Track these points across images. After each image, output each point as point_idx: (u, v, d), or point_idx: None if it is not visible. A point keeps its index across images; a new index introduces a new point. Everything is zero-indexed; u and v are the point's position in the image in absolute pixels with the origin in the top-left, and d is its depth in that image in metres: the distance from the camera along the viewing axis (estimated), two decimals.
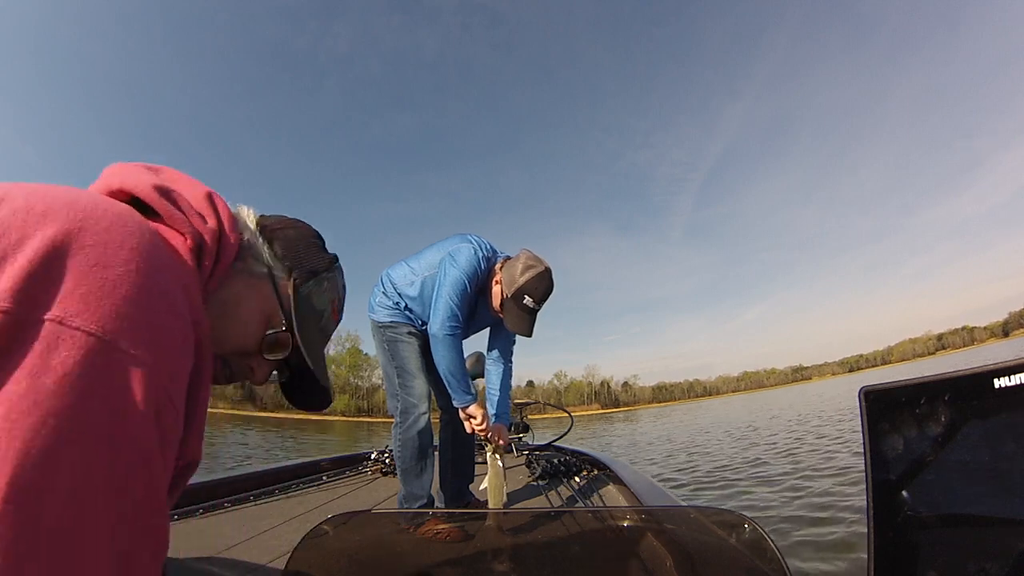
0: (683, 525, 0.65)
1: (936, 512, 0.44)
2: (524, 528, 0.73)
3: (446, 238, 1.91)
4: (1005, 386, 0.40)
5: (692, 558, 0.62)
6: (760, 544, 0.51)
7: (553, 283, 1.79)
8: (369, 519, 0.67)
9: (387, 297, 1.91)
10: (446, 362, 1.75)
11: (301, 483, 2.58)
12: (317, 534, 0.55)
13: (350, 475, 2.86)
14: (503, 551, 0.65)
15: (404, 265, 1.94)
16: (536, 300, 1.75)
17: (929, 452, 0.44)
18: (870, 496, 0.45)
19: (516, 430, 3.43)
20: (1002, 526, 0.42)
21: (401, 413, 1.84)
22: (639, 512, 0.77)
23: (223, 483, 2.25)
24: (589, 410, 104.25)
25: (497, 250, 1.90)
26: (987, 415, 0.42)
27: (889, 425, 0.45)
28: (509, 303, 1.77)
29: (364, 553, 0.61)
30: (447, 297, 1.73)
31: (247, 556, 1.47)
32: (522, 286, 1.73)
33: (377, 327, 1.93)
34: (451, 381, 1.77)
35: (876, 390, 0.46)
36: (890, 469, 0.45)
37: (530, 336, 1.84)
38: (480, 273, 1.79)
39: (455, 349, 1.75)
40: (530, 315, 1.77)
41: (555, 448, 3.24)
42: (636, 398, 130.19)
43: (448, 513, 1.28)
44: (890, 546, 0.44)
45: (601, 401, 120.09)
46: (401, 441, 1.82)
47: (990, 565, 0.40)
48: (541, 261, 1.78)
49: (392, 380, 1.88)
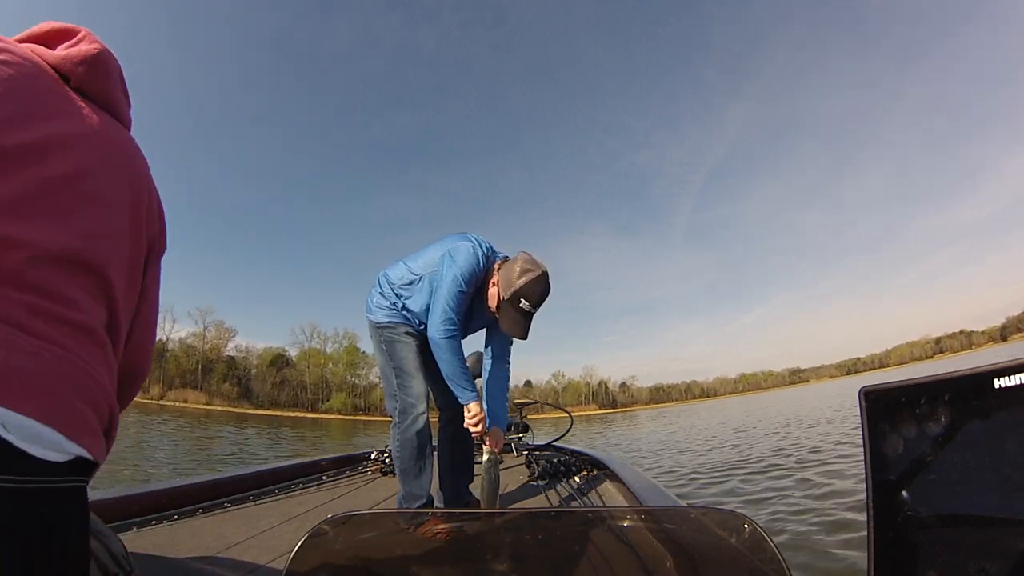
0: (683, 525, 0.65)
1: (936, 512, 0.44)
2: (524, 528, 0.72)
3: (444, 237, 1.91)
4: (1005, 386, 0.40)
5: (692, 558, 0.62)
6: (760, 544, 0.51)
7: (550, 287, 1.79)
8: (369, 519, 0.67)
9: (384, 298, 1.91)
10: (447, 365, 1.75)
11: (301, 483, 2.58)
12: (317, 534, 0.55)
13: (350, 475, 2.86)
14: (503, 551, 0.65)
15: (401, 265, 1.93)
16: (532, 304, 1.74)
17: (929, 452, 0.44)
18: (870, 496, 0.45)
19: (516, 430, 3.43)
20: (1002, 526, 0.42)
21: (399, 413, 1.84)
22: (639, 512, 0.77)
23: (223, 483, 2.25)
24: (587, 410, 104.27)
25: (496, 250, 1.90)
26: (987, 415, 0.42)
27: (889, 425, 0.46)
28: (505, 305, 1.76)
29: (364, 553, 0.61)
30: (444, 299, 1.73)
31: (247, 556, 1.47)
32: (519, 289, 1.72)
33: (375, 327, 1.93)
34: (452, 382, 1.78)
35: (876, 390, 0.46)
36: (890, 469, 0.45)
37: (525, 339, 1.84)
38: (478, 272, 1.79)
39: (454, 351, 1.75)
40: (525, 318, 1.77)
41: (555, 448, 3.24)
42: (634, 399, 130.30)
43: (448, 513, 1.28)
44: (890, 546, 0.44)
45: (599, 401, 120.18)
46: (400, 441, 1.82)
47: (990, 565, 0.40)
48: (539, 264, 1.78)
49: (390, 380, 1.88)
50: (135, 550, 0.65)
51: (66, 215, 0.58)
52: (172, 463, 9.82)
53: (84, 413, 0.54)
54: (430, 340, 1.77)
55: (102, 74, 0.70)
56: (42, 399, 0.49)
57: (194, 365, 70.58)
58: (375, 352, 1.99)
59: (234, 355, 77.09)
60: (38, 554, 0.48)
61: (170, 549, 1.51)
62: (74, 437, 0.51)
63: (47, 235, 0.55)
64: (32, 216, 0.55)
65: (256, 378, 77.26)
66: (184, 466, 9.47)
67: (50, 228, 0.56)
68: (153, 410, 39.54)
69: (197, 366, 70.74)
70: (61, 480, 0.51)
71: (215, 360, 73.59)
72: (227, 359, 75.24)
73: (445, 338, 1.73)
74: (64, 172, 0.59)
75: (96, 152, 0.64)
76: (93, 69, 0.68)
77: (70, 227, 0.58)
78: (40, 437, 0.48)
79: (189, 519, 1.87)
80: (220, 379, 72.21)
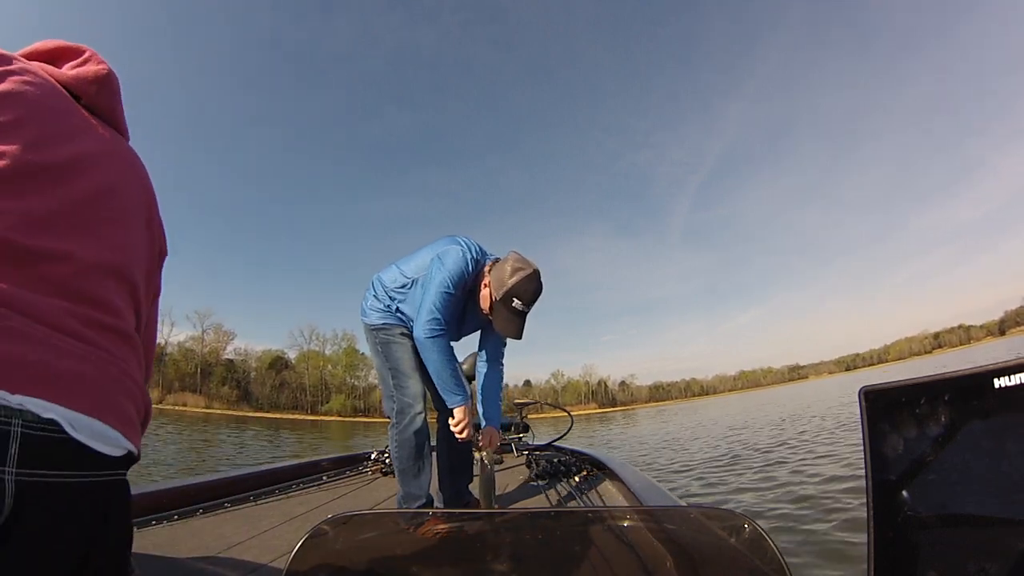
0: (683, 525, 0.65)
1: (936, 512, 0.44)
2: (524, 528, 0.72)
3: (435, 240, 1.92)
4: (1005, 386, 0.40)
5: (692, 558, 0.62)
6: (760, 544, 0.51)
7: (542, 285, 1.79)
8: (369, 519, 0.67)
9: (378, 300, 1.92)
10: (433, 365, 1.76)
11: (301, 483, 2.58)
12: (317, 534, 0.55)
13: (350, 475, 2.86)
14: (503, 551, 0.65)
15: (394, 268, 1.94)
16: (525, 303, 1.74)
17: (929, 452, 0.44)
18: (870, 496, 0.45)
19: (516, 430, 3.43)
20: (1002, 526, 0.42)
21: (397, 414, 1.84)
22: (639, 512, 0.77)
23: (223, 483, 2.25)
24: (586, 409, 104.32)
25: (486, 252, 1.90)
26: (987, 415, 0.42)
27: (889, 425, 0.45)
28: (498, 306, 1.77)
29: (364, 553, 0.61)
30: (430, 301, 1.73)
31: (247, 556, 1.47)
32: (510, 289, 1.72)
33: (370, 330, 1.93)
34: (439, 383, 1.77)
35: (876, 390, 0.46)
36: (890, 469, 0.45)
37: (519, 339, 1.85)
38: (467, 275, 1.79)
39: (439, 351, 1.74)
40: (519, 318, 1.77)
41: (555, 448, 3.24)
42: (633, 397, 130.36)
43: (447, 513, 1.28)
44: (890, 546, 0.44)
45: (598, 400, 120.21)
46: (398, 441, 1.83)
47: (990, 565, 0.40)
48: (529, 263, 1.78)
49: (387, 381, 1.89)
50: (135, 550, 0.65)
51: (99, 228, 0.64)
52: (169, 467, 9.81)
53: (130, 411, 0.61)
54: (416, 341, 1.78)
55: (110, 93, 0.75)
56: (99, 400, 0.56)
57: (193, 368, 70.45)
58: (371, 354, 1.99)
59: (233, 358, 77.11)
60: (107, 538, 0.57)
61: (170, 549, 1.51)
62: (126, 434, 0.59)
63: (87, 249, 0.61)
64: (72, 230, 0.60)
65: (255, 381, 77.17)
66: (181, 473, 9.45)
67: (89, 242, 0.62)
68: (152, 414, 39.35)
69: (196, 369, 70.61)
70: (118, 473, 0.59)
71: (214, 363, 73.47)
72: (226, 362, 75.14)
73: (429, 337, 1.73)
74: (94, 188, 0.65)
75: (116, 168, 0.71)
76: (103, 89, 0.73)
77: (104, 239, 0.64)
78: (103, 435, 0.55)
79: (189, 519, 1.87)
80: (219, 382, 72.11)
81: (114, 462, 0.57)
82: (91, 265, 0.61)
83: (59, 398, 0.51)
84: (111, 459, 0.56)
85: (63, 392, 0.52)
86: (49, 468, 0.50)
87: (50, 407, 0.50)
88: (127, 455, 0.60)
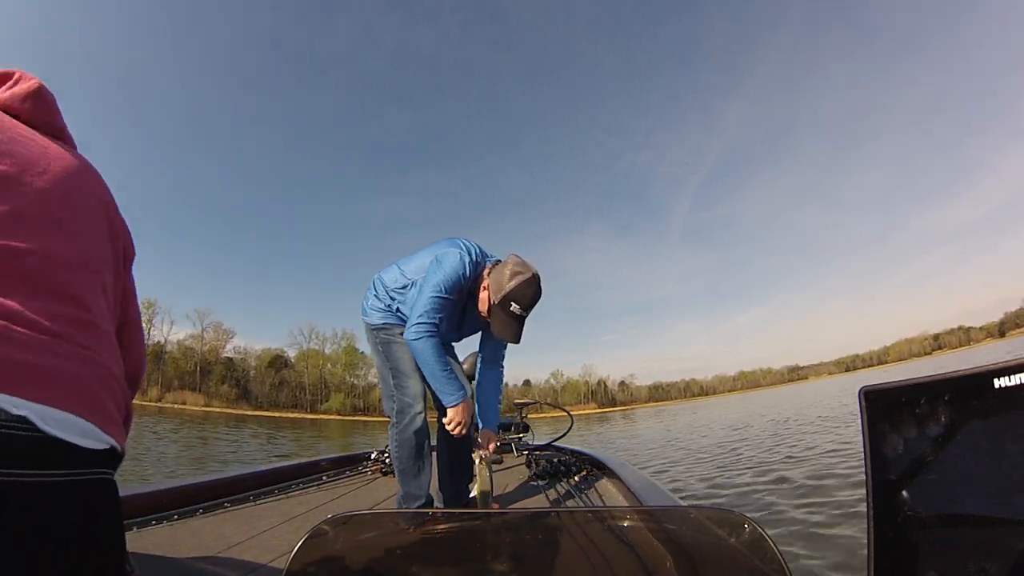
0: (683, 525, 0.65)
1: (936, 512, 0.44)
2: (523, 528, 0.72)
3: (436, 241, 1.91)
4: (1005, 386, 0.40)
5: (692, 558, 0.62)
6: (760, 544, 0.51)
7: (541, 289, 1.78)
8: (369, 519, 0.67)
9: (379, 300, 1.92)
10: (425, 366, 1.75)
11: (301, 483, 2.58)
12: (317, 534, 0.55)
13: (350, 475, 2.86)
14: (502, 551, 0.65)
15: (395, 268, 1.94)
16: (523, 307, 1.73)
17: (929, 452, 0.44)
18: (870, 496, 0.45)
19: (516, 430, 3.43)
20: (1002, 526, 0.42)
21: (397, 413, 1.84)
22: (639, 512, 0.77)
23: (223, 483, 2.25)
24: (586, 409, 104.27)
25: (487, 253, 1.90)
26: (987, 415, 0.42)
27: (889, 425, 0.45)
28: (496, 309, 1.76)
29: (364, 553, 0.61)
30: (423, 303, 1.72)
31: (247, 556, 1.47)
32: (509, 292, 1.72)
33: (371, 329, 1.93)
34: (433, 383, 1.77)
35: (876, 390, 0.46)
36: (890, 469, 0.45)
37: (517, 343, 1.84)
38: (464, 279, 1.78)
39: (430, 349, 1.73)
40: (517, 322, 1.76)
41: (555, 448, 3.24)
42: (633, 397, 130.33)
43: (447, 513, 1.28)
44: (890, 546, 0.44)
45: (598, 400, 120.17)
46: (398, 441, 1.82)
47: (990, 565, 0.40)
48: (529, 267, 1.77)
49: (387, 381, 1.89)
50: (135, 550, 0.65)
51: (59, 226, 0.65)
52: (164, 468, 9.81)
53: (107, 403, 0.61)
54: (407, 343, 1.76)
55: (45, 107, 0.77)
56: (70, 393, 0.55)
57: (192, 367, 70.36)
58: (372, 353, 1.99)
59: (232, 356, 76.96)
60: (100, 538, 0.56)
61: (170, 549, 1.51)
62: (104, 427, 0.58)
63: (51, 244, 0.61)
64: (33, 230, 0.60)
65: (255, 379, 77.10)
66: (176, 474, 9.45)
67: (50, 237, 0.62)
68: (151, 412, 39.46)
69: (195, 368, 70.52)
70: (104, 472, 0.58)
71: (213, 362, 73.41)
72: (225, 360, 75.07)
73: (416, 339, 1.71)
74: (46, 192, 0.66)
75: (64, 173, 0.72)
76: (37, 104, 0.76)
77: (65, 237, 0.64)
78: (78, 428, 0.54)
79: (189, 519, 1.86)
80: (219, 381, 72.04)
81: (97, 459, 0.56)
82: (54, 260, 0.61)
83: (29, 393, 0.50)
84: (92, 455, 0.56)
85: (32, 387, 0.51)
86: (26, 467, 0.49)
87: (20, 403, 0.49)
88: (110, 450, 0.59)
